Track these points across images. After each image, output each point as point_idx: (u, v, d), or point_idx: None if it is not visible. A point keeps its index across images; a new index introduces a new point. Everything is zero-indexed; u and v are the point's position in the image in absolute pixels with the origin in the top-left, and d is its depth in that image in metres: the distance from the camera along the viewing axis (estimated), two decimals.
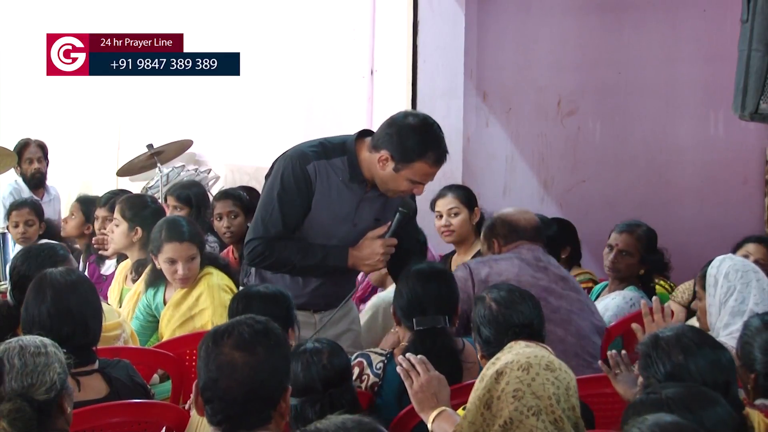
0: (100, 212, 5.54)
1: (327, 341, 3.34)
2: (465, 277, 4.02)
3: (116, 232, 5.03)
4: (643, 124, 6.95)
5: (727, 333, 3.70)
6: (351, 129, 6.86)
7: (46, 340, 2.76)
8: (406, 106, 6.37)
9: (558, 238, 5.36)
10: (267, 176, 3.96)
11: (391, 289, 4.43)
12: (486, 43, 6.66)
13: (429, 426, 3.13)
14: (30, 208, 6.26)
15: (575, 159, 6.94)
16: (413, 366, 3.23)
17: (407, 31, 6.41)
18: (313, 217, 3.83)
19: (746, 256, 5.08)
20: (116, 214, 5.04)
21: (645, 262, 5.09)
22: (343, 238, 3.86)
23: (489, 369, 2.88)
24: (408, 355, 3.28)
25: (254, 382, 2.47)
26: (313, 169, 3.80)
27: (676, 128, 6.98)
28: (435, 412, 3.12)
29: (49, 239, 5.94)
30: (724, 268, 3.85)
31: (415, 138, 3.72)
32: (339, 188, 3.83)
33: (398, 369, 3.26)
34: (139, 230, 4.95)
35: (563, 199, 6.71)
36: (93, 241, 5.58)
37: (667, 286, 5.44)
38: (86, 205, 6.03)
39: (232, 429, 2.48)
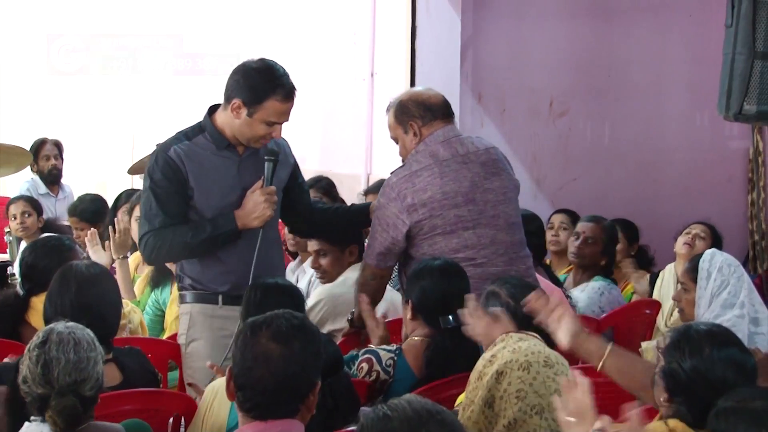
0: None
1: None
2: (396, 213, 3.82)
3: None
4: (632, 124, 6.95)
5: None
6: (352, 129, 6.96)
7: (91, 333, 2.74)
8: None
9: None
10: None
11: (339, 282, 4.38)
12: (481, 47, 6.64)
13: None
14: (25, 201, 6.24)
15: (566, 158, 6.93)
16: None
17: (406, 35, 6.39)
18: (202, 197, 3.70)
19: (688, 233, 5.30)
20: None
21: (607, 251, 5.14)
22: (239, 205, 3.71)
23: (487, 367, 2.84)
24: None
25: (286, 374, 2.44)
26: (175, 153, 3.68)
27: (664, 128, 6.98)
28: None
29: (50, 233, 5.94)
30: (717, 262, 3.85)
31: (261, 78, 3.64)
32: (212, 161, 3.71)
33: None
34: None
35: (555, 197, 6.70)
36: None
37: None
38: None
39: (260, 416, 2.46)
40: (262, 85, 3.64)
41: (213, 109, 3.80)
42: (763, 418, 2.31)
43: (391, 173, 3.98)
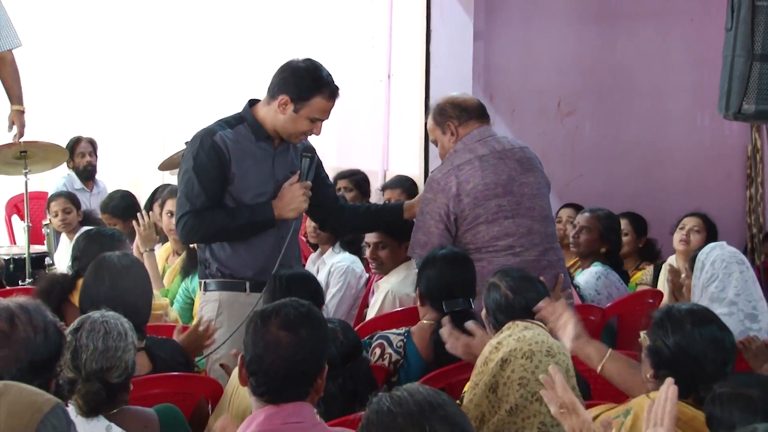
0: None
1: (337, 319, 3.32)
2: (444, 204, 3.87)
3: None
4: (636, 123, 6.93)
5: None
6: (369, 128, 6.97)
7: (126, 323, 2.78)
8: (420, 107, 6.36)
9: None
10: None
11: (402, 279, 4.41)
12: (492, 50, 6.63)
13: None
14: (65, 197, 6.25)
15: (573, 155, 6.92)
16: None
17: (421, 39, 6.39)
18: (241, 183, 3.73)
19: (682, 228, 5.22)
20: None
21: (605, 239, 5.11)
22: (272, 194, 3.76)
23: (493, 354, 2.87)
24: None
25: (296, 360, 2.46)
26: (221, 139, 3.70)
27: (666, 127, 6.96)
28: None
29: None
30: (713, 255, 3.86)
31: (308, 76, 3.70)
32: (251, 151, 3.75)
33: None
34: None
35: (563, 192, 6.68)
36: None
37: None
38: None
39: (272, 400, 2.49)
40: (310, 83, 3.69)
41: (252, 103, 3.84)
42: (758, 405, 2.30)
43: (434, 170, 4.07)
